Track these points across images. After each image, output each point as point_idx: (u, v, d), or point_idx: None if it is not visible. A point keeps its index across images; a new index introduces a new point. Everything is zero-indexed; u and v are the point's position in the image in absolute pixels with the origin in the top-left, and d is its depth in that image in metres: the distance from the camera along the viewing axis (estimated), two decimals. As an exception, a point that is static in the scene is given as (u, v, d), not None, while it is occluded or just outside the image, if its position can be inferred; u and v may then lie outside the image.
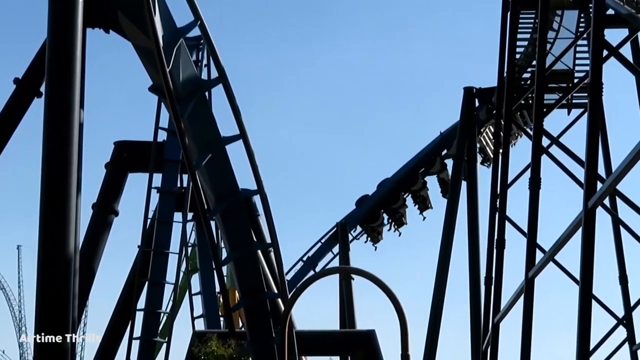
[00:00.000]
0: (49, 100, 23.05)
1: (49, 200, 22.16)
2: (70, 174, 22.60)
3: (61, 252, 22.06)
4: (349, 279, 54.18)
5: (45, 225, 22.26)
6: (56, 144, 22.66)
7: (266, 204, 31.19)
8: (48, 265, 22.06)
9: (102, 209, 41.39)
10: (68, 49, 23.26)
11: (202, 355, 27.70)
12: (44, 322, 21.96)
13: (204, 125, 30.86)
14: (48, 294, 22.09)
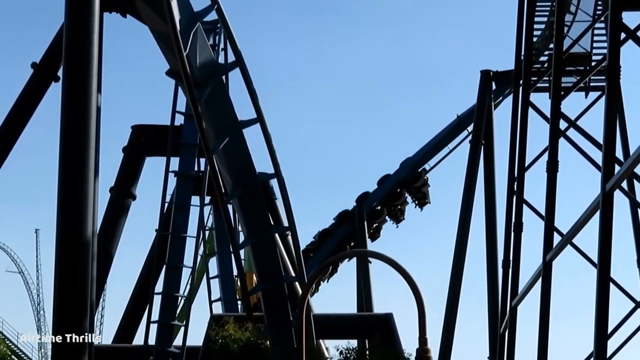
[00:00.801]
0: (67, 85, 23.08)
1: (66, 184, 22.20)
2: (88, 158, 22.63)
3: (79, 236, 22.11)
4: (366, 262, 54.21)
5: (63, 209, 22.31)
6: (74, 128, 22.70)
7: (283, 188, 31.21)
8: (66, 249, 22.10)
9: (119, 193, 41.51)
10: (85, 34, 23.28)
11: (220, 339, 27.74)
12: (62, 307, 22.01)
13: (221, 109, 30.86)
14: (66, 278, 22.14)
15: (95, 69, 23.39)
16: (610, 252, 31.68)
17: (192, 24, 30.24)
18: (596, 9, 43.85)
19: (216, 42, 41.29)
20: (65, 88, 23.08)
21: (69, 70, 23.07)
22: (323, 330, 33.49)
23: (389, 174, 64.73)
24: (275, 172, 31.02)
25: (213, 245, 48.88)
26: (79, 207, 22.29)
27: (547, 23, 45.99)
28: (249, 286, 39.86)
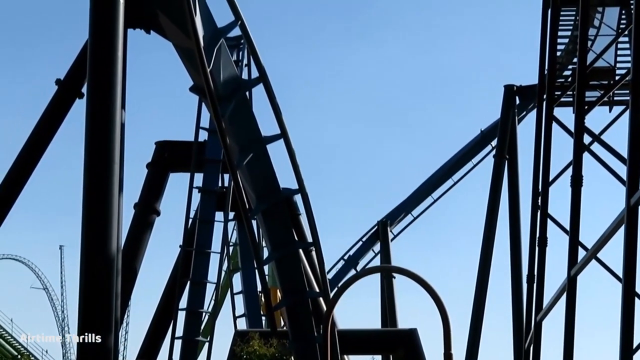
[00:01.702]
0: (91, 101, 23.18)
1: (91, 200, 22.28)
2: (112, 174, 22.72)
3: (103, 251, 22.19)
4: (390, 278, 54.26)
5: (88, 225, 22.39)
6: (98, 144, 22.79)
7: (307, 203, 31.26)
8: (90, 265, 22.18)
9: (143, 209, 41.62)
10: (109, 50, 23.39)
11: (245, 355, 27.80)
12: (86, 322, 22.08)
13: (245, 125, 30.94)
14: (90, 294, 22.21)
15: (119, 86, 23.49)
16: (635, 267, 31.60)
17: (215, 40, 30.33)
18: (620, 23, 43.85)
19: (239, 57, 41.48)
20: (89, 105, 23.19)
21: (93, 87, 23.19)
22: (347, 345, 33.51)
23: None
24: (299, 187, 31.08)
25: (237, 261, 49.02)
26: (104, 223, 22.38)
27: (571, 37, 46.00)
28: (273, 302, 39.95)
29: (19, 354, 48.56)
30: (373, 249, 64.84)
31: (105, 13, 23.12)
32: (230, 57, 32.63)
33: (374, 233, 65.05)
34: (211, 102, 29.91)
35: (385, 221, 64.56)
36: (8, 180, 34.98)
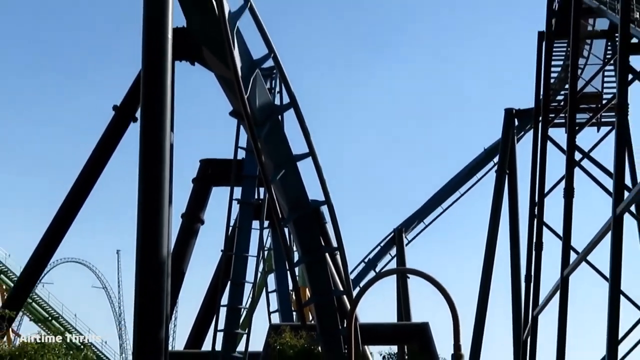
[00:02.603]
0: (144, 125, 23.23)
1: (144, 211, 22.32)
2: (163, 188, 22.77)
3: (155, 256, 22.22)
4: (405, 278, 54.09)
5: (142, 232, 22.42)
6: (150, 162, 22.83)
7: (333, 213, 31.20)
8: (144, 268, 22.22)
9: (190, 219, 41.71)
10: (160, 80, 23.44)
11: (278, 345, 27.72)
12: (141, 317, 22.12)
13: (278, 145, 30.93)
14: (144, 292, 22.24)
15: (168, 111, 23.54)
16: (621, 268, 31.44)
17: (252, 71, 30.36)
18: (606, 53, 43.70)
19: (273, 85, 41.39)
20: (142, 127, 23.24)
21: (146, 112, 23.24)
22: (368, 337, 33.39)
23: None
24: (325, 199, 31.02)
25: (271, 264, 48.82)
26: (156, 231, 22.41)
27: (563, 66, 45.85)
28: (303, 299, 39.91)
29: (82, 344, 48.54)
30: (390, 252, 64.75)
31: (157, 47, 23.20)
32: (265, 85, 32.60)
33: (390, 239, 64.97)
34: (248, 125, 29.92)
35: (400, 228, 64.49)
36: (72, 194, 35.13)
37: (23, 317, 64.27)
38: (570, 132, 39.03)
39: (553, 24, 44.47)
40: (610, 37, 41.60)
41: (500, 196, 55.23)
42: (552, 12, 44.39)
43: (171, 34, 23.49)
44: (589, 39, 43.81)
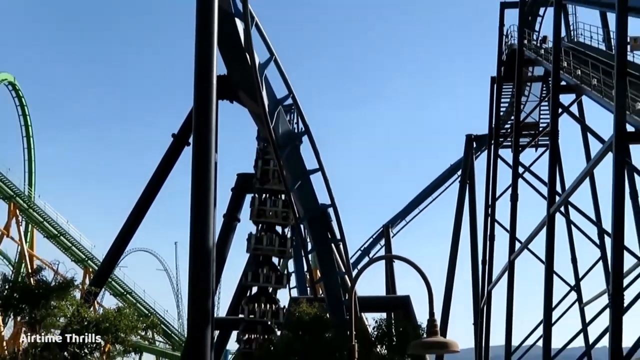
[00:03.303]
0: (195, 148, 23.33)
1: (196, 212, 22.42)
2: (210, 195, 22.86)
3: (204, 246, 22.30)
4: (391, 262, 54.06)
5: (194, 228, 22.51)
6: (200, 175, 22.93)
7: (337, 214, 31.27)
8: (196, 254, 22.30)
9: (229, 218, 41.71)
10: (207, 114, 23.54)
11: (296, 313, 27.78)
12: (193, 292, 22.21)
13: (295, 162, 31.05)
14: (196, 273, 22.34)
15: (213, 137, 23.61)
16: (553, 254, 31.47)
17: (275, 107, 30.53)
18: (542, 92, 43.75)
19: (291, 117, 41.49)
20: (194, 150, 23.33)
21: (197, 138, 23.33)
22: (363, 306, 33.46)
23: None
24: (331, 203, 31.09)
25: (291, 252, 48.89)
26: (204, 227, 22.49)
27: (510, 102, 45.93)
28: (314, 278, 39.94)
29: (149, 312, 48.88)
30: (380, 243, 64.90)
31: (205, 90, 23.34)
32: (285, 117, 32.70)
33: (380, 233, 65.10)
34: (273, 148, 30.07)
35: (387, 225, 64.59)
36: (142, 199, 35.32)
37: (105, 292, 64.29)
38: (515, 152, 39.23)
39: (502, 71, 44.67)
40: (545, 81, 41.72)
41: (462, 200, 55.27)
42: (501, 61, 44.60)
43: (215, 80, 23.64)
44: (529, 82, 43.95)
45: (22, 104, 68.96)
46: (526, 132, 43.52)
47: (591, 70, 31.82)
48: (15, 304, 24.52)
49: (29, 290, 24.71)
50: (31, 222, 68.18)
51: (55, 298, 24.45)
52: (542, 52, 39.89)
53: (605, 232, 34.90)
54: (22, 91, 68.29)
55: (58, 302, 24.49)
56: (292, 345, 25.26)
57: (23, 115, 69.68)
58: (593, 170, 32.38)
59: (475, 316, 48.85)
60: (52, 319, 24.57)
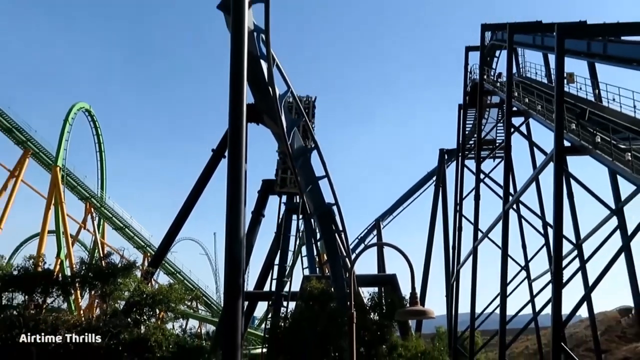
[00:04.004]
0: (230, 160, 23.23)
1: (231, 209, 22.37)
2: (241, 196, 22.79)
3: (236, 236, 22.20)
4: (382, 248, 54.02)
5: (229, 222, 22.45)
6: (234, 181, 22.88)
7: (339, 211, 31.10)
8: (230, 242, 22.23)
9: (256, 214, 41.75)
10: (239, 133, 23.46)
11: (308, 287, 27.74)
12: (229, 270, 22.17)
13: (307, 171, 30.97)
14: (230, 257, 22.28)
15: (244, 151, 23.54)
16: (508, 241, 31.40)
17: (292, 127, 30.46)
18: (498, 116, 43.76)
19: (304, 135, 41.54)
20: (229, 161, 23.23)
21: (231, 152, 23.25)
22: (360, 282, 33.33)
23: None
24: (335, 202, 30.99)
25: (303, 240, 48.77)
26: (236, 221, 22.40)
27: (473, 123, 45.94)
28: (322, 260, 39.93)
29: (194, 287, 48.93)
30: (373, 233, 64.81)
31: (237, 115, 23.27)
32: (300, 135, 32.65)
33: (373, 225, 65.03)
34: (290, 159, 30.03)
35: (379, 218, 64.62)
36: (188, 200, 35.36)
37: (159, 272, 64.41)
38: (477, 162, 39.19)
39: (467, 99, 44.71)
40: (500, 107, 41.82)
41: (437, 199, 55.32)
42: (466, 92, 44.69)
43: (245, 107, 23.64)
44: (488, 108, 44.03)
45: (96, 126, 69.33)
46: (486, 146, 43.57)
47: (536, 98, 31.83)
48: (90, 281, 24.57)
49: (101, 270, 24.75)
50: (103, 218, 68.70)
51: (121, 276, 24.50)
52: (498, 85, 39.91)
53: (548, 224, 34.87)
54: (95, 116, 68.65)
55: (123, 279, 24.53)
56: (304, 313, 25.21)
57: (96, 135, 70.05)
58: (538, 176, 32.35)
59: (447, 290, 48.83)
60: (118, 293, 24.62)
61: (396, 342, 25.74)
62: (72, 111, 61.99)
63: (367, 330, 24.23)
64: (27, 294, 23.56)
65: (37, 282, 23.63)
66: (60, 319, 22.73)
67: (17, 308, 23.13)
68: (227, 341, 21.68)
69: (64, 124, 60.03)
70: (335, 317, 24.02)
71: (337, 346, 23.52)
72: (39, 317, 22.44)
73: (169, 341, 22.96)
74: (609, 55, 26.10)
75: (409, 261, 13.24)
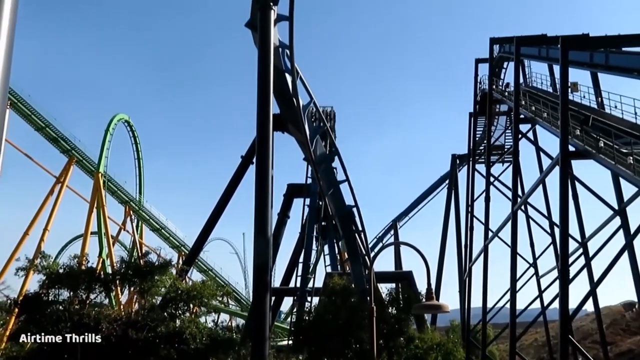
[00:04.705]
0: (258, 166, 23.34)
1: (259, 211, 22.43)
2: (268, 199, 22.86)
3: (264, 236, 22.28)
4: (399, 247, 53.85)
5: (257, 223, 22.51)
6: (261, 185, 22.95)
7: (359, 212, 31.13)
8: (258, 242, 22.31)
9: (282, 215, 41.80)
10: (266, 141, 23.56)
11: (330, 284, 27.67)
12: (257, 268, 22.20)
13: (329, 175, 30.99)
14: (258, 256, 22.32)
15: (270, 158, 23.65)
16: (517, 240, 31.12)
17: (314, 135, 30.51)
18: (507, 122, 43.44)
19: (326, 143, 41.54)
20: (257, 167, 23.33)
21: (259, 159, 23.35)
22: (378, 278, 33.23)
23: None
24: (355, 204, 30.99)
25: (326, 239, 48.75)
26: (264, 222, 22.47)
27: (483, 130, 45.65)
28: (343, 258, 39.86)
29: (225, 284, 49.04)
30: (390, 232, 64.58)
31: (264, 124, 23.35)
32: (321, 142, 32.69)
33: (390, 225, 64.81)
34: (312, 165, 30.07)
35: (396, 219, 64.36)
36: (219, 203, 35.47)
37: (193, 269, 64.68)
38: (487, 166, 38.93)
39: (477, 108, 44.45)
40: (509, 114, 41.46)
41: (450, 201, 55.05)
42: (476, 101, 44.44)
43: (272, 117, 23.70)
44: (497, 116, 43.72)
45: (134, 135, 69.85)
46: (495, 152, 43.29)
47: (542, 106, 31.62)
48: (130, 278, 24.69)
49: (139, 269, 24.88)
50: (141, 220, 69.17)
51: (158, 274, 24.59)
52: (506, 94, 39.66)
53: (555, 224, 34.57)
54: (134, 126, 69.17)
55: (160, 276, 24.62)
56: (327, 307, 25.15)
57: (135, 143, 70.56)
58: (545, 179, 32.06)
59: (460, 285, 48.55)
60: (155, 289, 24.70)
61: (413, 335, 25.63)
62: (113, 122, 62.61)
63: (385, 323, 24.11)
64: (72, 290, 23.72)
65: (81, 280, 23.80)
66: (102, 314, 22.88)
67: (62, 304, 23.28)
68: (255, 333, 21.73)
69: (105, 133, 60.63)
70: (355, 311, 23.94)
71: (358, 338, 23.43)
72: (83, 311, 22.59)
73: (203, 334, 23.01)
74: (611, 65, 25.82)
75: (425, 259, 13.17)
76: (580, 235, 32.21)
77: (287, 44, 27.29)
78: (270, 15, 25.13)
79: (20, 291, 31.56)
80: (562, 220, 23.94)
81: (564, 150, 24.59)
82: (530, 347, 58.56)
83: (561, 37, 25.95)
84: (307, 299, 38.21)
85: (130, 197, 66.65)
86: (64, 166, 59.05)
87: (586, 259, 30.17)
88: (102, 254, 56.82)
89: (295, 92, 28.40)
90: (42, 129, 56.31)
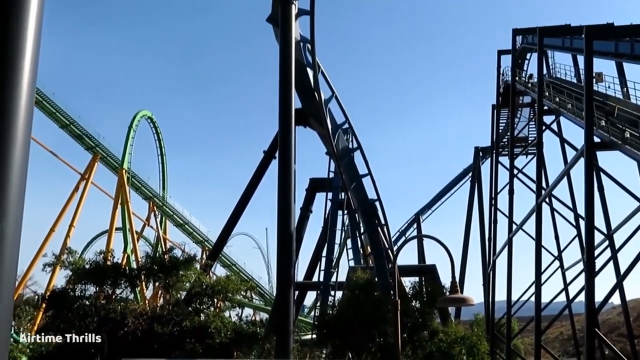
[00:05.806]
0: (280, 160, 23.41)
1: (282, 206, 22.51)
2: (290, 193, 22.94)
3: (286, 230, 22.36)
4: (422, 240, 53.69)
5: (280, 218, 22.59)
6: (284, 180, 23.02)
7: (381, 206, 31.10)
8: (281, 236, 22.39)
9: (304, 210, 41.81)
10: (288, 136, 23.64)
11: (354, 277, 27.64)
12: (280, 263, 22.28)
13: (351, 169, 30.97)
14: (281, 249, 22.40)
15: (293, 152, 23.70)
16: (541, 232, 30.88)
17: (336, 130, 30.51)
18: (530, 114, 43.08)
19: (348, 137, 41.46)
20: (280, 162, 23.41)
21: (281, 153, 23.41)
22: (402, 272, 33.16)
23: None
24: (377, 198, 30.95)
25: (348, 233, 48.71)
26: (287, 217, 22.55)
27: (506, 122, 45.30)
28: (366, 252, 39.77)
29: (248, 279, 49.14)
30: (413, 226, 64.41)
31: (287, 118, 23.43)
32: (344, 137, 32.63)
33: (413, 219, 64.63)
34: (335, 159, 30.07)
35: (418, 213, 64.18)
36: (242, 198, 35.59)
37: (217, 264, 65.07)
38: (511, 159, 38.64)
39: (500, 100, 44.11)
40: (532, 106, 41.12)
41: (473, 194, 54.77)
42: (499, 93, 44.09)
43: (294, 111, 23.73)
44: (520, 108, 43.33)
45: (157, 131, 70.32)
46: (519, 144, 42.95)
47: (566, 97, 31.27)
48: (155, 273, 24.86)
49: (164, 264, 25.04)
50: (165, 215, 69.69)
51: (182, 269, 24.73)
52: (530, 85, 39.29)
53: (580, 216, 34.22)
54: (157, 122, 69.63)
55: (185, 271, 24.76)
56: (350, 301, 25.12)
57: (158, 140, 71.03)
58: (569, 171, 31.75)
59: (484, 279, 48.30)
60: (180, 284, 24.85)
61: (437, 328, 25.53)
62: (136, 118, 63.05)
63: (409, 317, 24.04)
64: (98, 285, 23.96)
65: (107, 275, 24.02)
66: (128, 308, 23.09)
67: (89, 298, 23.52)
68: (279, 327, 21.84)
69: (128, 130, 61.10)
70: (379, 305, 23.90)
71: (381, 331, 23.40)
72: (109, 306, 22.82)
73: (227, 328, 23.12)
74: (637, 54, 25.44)
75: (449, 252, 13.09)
76: (606, 227, 31.89)
77: (309, 39, 27.29)
78: (292, 10, 25.17)
79: (47, 287, 31.99)
80: (587, 212, 23.70)
81: (589, 142, 24.32)
82: (556, 340, 58.16)
83: (585, 26, 25.64)
84: (331, 293, 38.23)
85: (154, 193, 67.20)
86: (88, 163, 59.64)
87: (612, 251, 29.84)
88: (127, 250, 57.35)
89: (317, 86, 28.40)
90: (66, 126, 56.95)
